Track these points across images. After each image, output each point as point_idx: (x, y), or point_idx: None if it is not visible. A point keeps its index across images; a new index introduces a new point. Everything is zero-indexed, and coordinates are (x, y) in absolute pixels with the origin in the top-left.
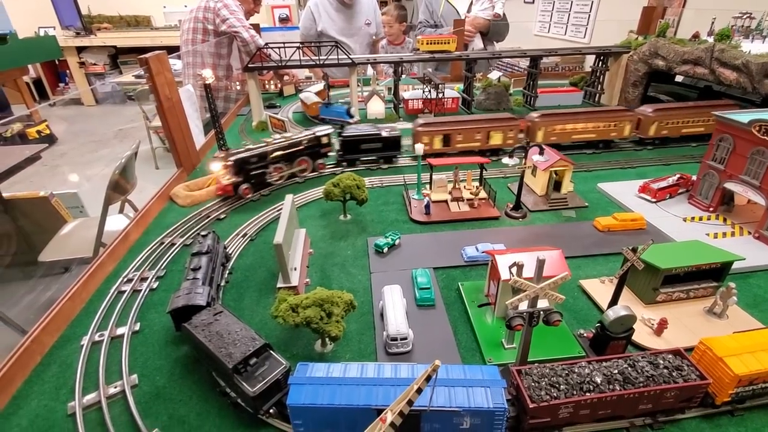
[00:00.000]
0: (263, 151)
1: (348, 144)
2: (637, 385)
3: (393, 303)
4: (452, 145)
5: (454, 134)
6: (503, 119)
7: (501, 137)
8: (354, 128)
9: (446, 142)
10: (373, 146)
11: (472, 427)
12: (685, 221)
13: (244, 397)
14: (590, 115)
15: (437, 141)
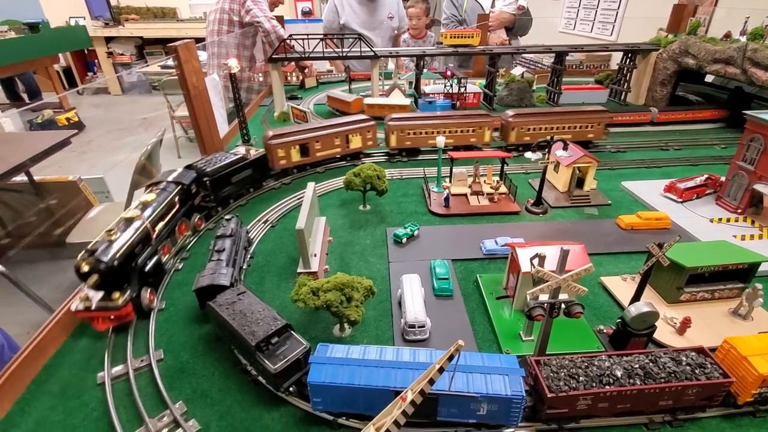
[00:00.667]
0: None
1: (216, 182)
2: (659, 381)
3: (411, 291)
4: (311, 154)
5: (312, 142)
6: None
7: (360, 140)
8: (205, 161)
9: (305, 152)
10: (243, 175)
11: (488, 414)
12: (712, 222)
13: (265, 374)
14: (449, 120)
15: (294, 153)
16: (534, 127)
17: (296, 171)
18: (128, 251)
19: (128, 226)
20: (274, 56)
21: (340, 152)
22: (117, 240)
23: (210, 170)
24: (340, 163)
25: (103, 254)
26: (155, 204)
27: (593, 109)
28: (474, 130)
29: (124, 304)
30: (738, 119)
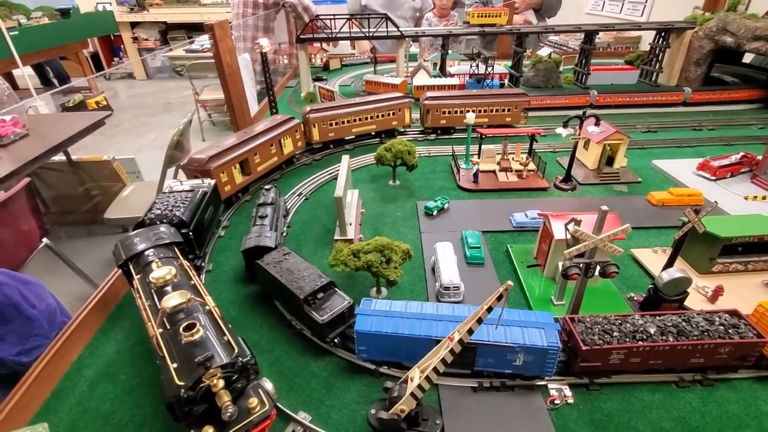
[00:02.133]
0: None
1: (197, 231)
2: (691, 338)
3: (445, 257)
4: (252, 170)
5: (250, 155)
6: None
7: (291, 142)
8: (160, 206)
9: (244, 169)
10: (209, 213)
11: (524, 365)
12: (746, 199)
13: (312, 326)
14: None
15: (236, 173)
16: (449, 110)
17: (332, 146)
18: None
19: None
20: (302, 36)
21: (278, 161)
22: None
23: (186, 217)
24: (372, 140)
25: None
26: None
27: (511, 92)
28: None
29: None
30: None
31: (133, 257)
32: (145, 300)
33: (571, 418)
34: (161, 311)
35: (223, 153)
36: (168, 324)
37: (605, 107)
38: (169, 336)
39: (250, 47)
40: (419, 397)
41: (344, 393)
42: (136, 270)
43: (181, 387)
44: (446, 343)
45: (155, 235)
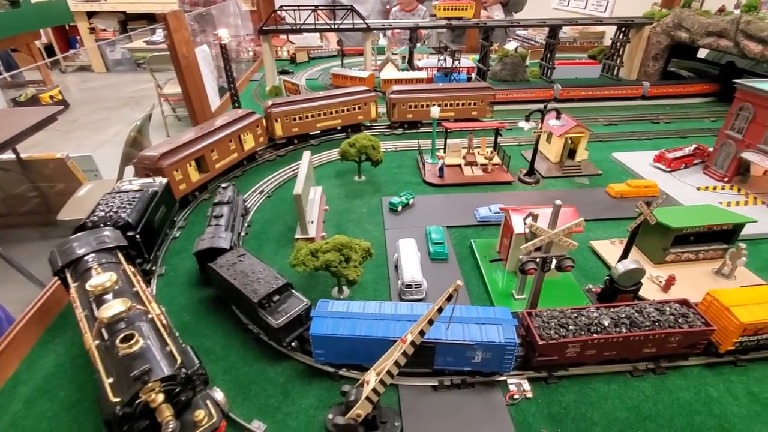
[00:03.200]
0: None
1: (145, 232)
2: (643, 329)
3: (408, 254)
4: (210, 168)
5: (206, 152)
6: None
7: (252, 138)
8: (104, 206)
9: (201, 167)
10: (160, 214)
11: (483, 362)
12: (699, 190)
13: (267, 330)
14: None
15: (192, 171)
16: (416, 104)
17: (297, 141)
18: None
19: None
20: (265, 27)
21: (238, 157)
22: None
23: (133, 219)
24: (337, 135)
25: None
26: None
27: (477, 86)
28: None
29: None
30: (729, 93)
31: (70, 264)
32: (83, 310)
33: (529, 413)
34: (98, 321)
35: (177, 150)
36: (106, 335)
37: (569, 101)
38: (105, 348)
39: (211, 40)
40: (375, 400)
41: (302, 398)
42: (73, 277)
43: (117, 404)
44: (399, 345)
45: (96, 240)
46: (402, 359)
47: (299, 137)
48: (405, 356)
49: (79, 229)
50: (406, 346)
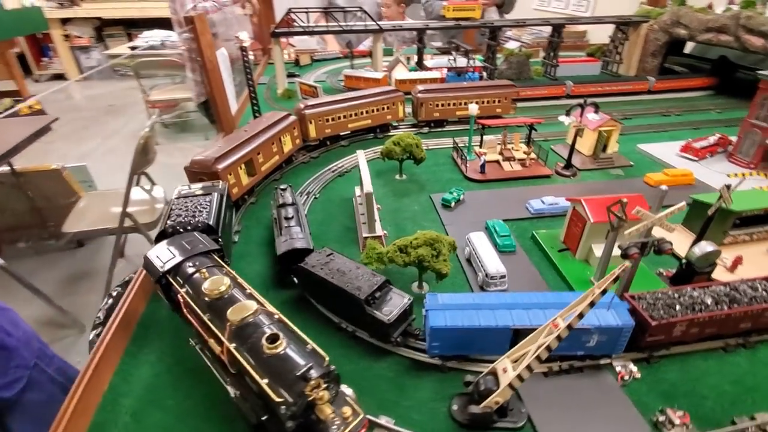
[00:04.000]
0: None
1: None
2: (742, 305)
3: (484, 246)
4: (256, 171)
5: (254, 155)
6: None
7: (290, 140)
8: (180, 213)
9: (249, 170)
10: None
11: (597, 345)
12: (729, 176)
13: (373, 326)
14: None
15: (243, 174)
16: (442, 102)
17: (329, 143)
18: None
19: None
20: (277, 30)
21: (279, 160)
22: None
23: (213, 222)
24: (366, 136)
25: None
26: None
27: (499, 84)
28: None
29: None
30: (725, 86)
31: (171, 269)
32: (203, 313)
33: (641, 392)
34: (229, 324)
35: (227, 153)
36: (243, 337)
37: (579, 96)
38: (248, 350)
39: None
40: (517, 387)
41: (417, 392)
42: (179, 283)
43: (282, 404)
44: (547, 329)
45: (190, 244)
46: (555, 343)
47: (331, 138)
48: (558, 340)
49: (161, 235)
50: (561, 330)
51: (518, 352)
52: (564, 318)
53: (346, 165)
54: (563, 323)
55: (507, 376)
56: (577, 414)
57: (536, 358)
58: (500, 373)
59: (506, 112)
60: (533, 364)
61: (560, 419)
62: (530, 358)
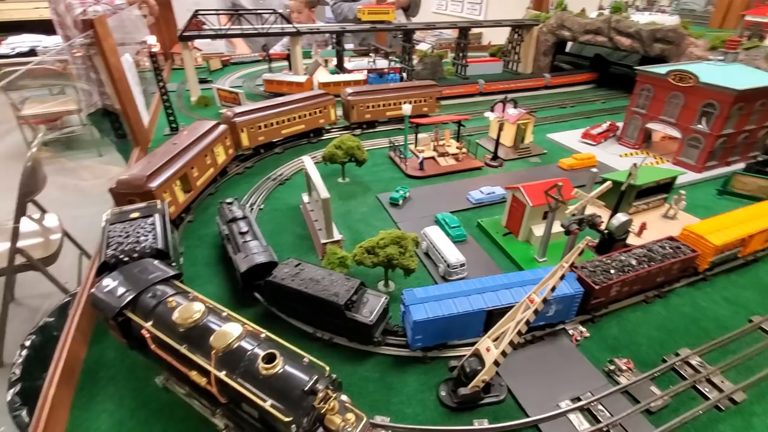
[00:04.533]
0: None
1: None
2: (657, 262)
3: (440, 239)
4: (192, 186)
5: (188, 170)
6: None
7: (223, 151)
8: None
9: (185, 185)
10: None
11: (555, 314)
12: (621, 156)
13: (354, 330)
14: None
15: (178, 191)
16: (373, 104)
17: (263, 151)
18: None
19: None
20: (185, 34)
21: (213, 173)
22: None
23: (162, 245)
24: (300, 141)
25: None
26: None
27: (424, 84)
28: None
29: None
30: (603, 80)
31: (129, 304)
32: (179, 345)
33: (593, 349)
34: (215, 352)
35: (159, 170)
36: (233, 362)
37: (492, 94)
38: (242, 375)
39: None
40: (501, 362)
41: (405, 387)
42: (141, 317)
43: (292, 422)
44: (524, 305)
45: (144, 273)
46: (533, 316)
47: (265, 146)
48: (536, 313)
49: (102, 267)
50: (538, 304)
51: (497, 331)
52: (537, 293)
53: (285, 172)
54: (538, 298)
55: (491, 354)
56: (545, 377)
57: (517, 333)
58: (484, 352)
59: (432, 111)
60: (515, 339)
61: (533, 384)
62: (512, 334)
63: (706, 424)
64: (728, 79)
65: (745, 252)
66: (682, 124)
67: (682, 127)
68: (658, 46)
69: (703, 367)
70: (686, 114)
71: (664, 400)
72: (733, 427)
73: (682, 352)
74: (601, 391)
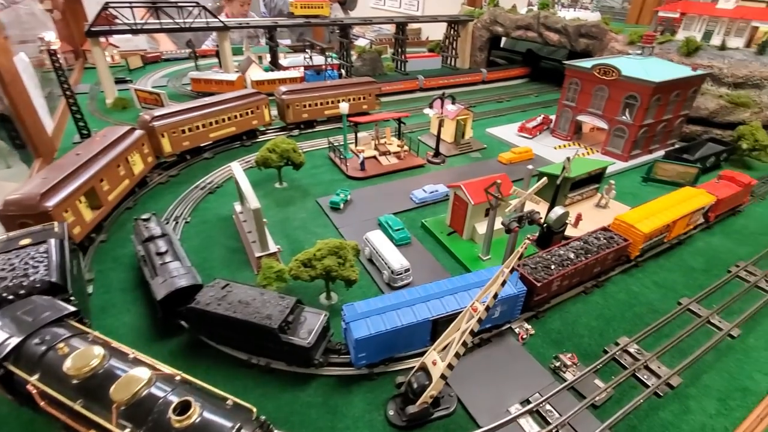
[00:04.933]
0: None
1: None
2: (593, 254)
3: (383, 244)
4: (102, 201)
5: (96, 182)
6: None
7: (140, 159)
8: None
9: (93, 201)
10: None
11: (501, 315)
12: (555, 149)
13: (293, 353)
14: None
15: (84, 208)
16: (310, 103)
17: (189, 157)
18: None
19: None
20: (94, 29)
21: (129, 185)
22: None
23: (58, 278)
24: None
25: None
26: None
27: (362, 81)
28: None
29: None
30: (535, 74)
31: (10, 354)
32: (72, 401)
33: (538, 345)
34: (116, 405)
35: (58, 185)
36: (133, 418)
37: (431, 90)
38: (150, 431)
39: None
40: (448, 376)
41: (351, 409)
42: (27, 370)
43: None
44: (467, 314)
45: (30, 314)
46: (476, 326)
47: (191, 151)
48: (479, 322)
49: None
50: (481, 313)
51: (443, 342)
52: (480, 300)
53: (216, 179)
54: (481, 306)
55: (437, 368)
56: (495, 381)
57: (462, 344)
58: (430, 366)
59: (372, 108)
60: (460, 350)
61: (483, 390)
62: (457, 345)
63: (647, 412)
64: (647, 71)
65: (670, 237)
66: (608, 116)
67: (608, 118)
68: (583, 41)
69: (641, 354)
70: (611, 106)
71: (607, 393)
72: (672, 413)
73: (621, 340)
74: (548, 391)
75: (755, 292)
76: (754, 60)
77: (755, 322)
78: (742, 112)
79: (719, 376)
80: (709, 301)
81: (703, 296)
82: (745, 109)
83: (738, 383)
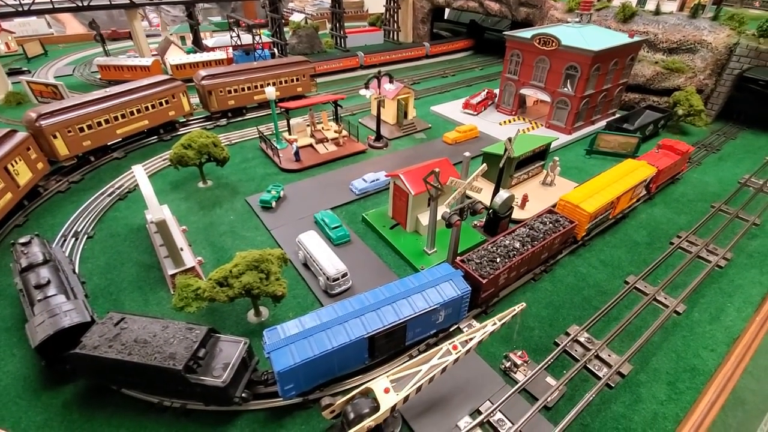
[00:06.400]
0: None
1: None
2: (540, 240)
3: (317, 247)
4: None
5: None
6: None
7: (25, 166)
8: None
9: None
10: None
11: (445, 319)
12: (501, 125)
13: (207, 394)
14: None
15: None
16: (235, 88)
17: (93, 158)
18: None
19: None
20: None
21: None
22: None
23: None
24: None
25: None
26: None
27: (294, 61)
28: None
29: None
30: (479, 46)
31: None
32: None
33: (488, 344)
34: None
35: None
36: None
37: (373, 67)
38: None
39: None
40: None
41: None
42: None
43: None
44: (444, 350)
45: None
46: (451, 365)
47: (95, 152)
48: (454, 362)
49: None
50: (461, 353)
51: (402, 371)
52: (461, 342)
53: (126, 183)
54: (462, 348)
55: (389, 398)
56: (443, 391)
57: (429, 381)
58: (380, 393)
59: (307, 91)
60: (425, 385)
61: (431, 405)
62: (422, 380)
63: (599, 407)
64: (586, 40)
65: (615, 213)
66: (550, 88)
67: (550, 90)
68: (523, 10)
69: (591, 344)
70: (553, 78)
71: (560, 391)
72: (623, 404)
73: (571, 330)
74: (499, 397)
75: (697, 262)
76: (687, 24)
77: (698, 294)
78: (677, 77)
79: (667, 357)
80: (654, 276)
81: (649, 272)
82: (680, 75)
83: (685, 363)
